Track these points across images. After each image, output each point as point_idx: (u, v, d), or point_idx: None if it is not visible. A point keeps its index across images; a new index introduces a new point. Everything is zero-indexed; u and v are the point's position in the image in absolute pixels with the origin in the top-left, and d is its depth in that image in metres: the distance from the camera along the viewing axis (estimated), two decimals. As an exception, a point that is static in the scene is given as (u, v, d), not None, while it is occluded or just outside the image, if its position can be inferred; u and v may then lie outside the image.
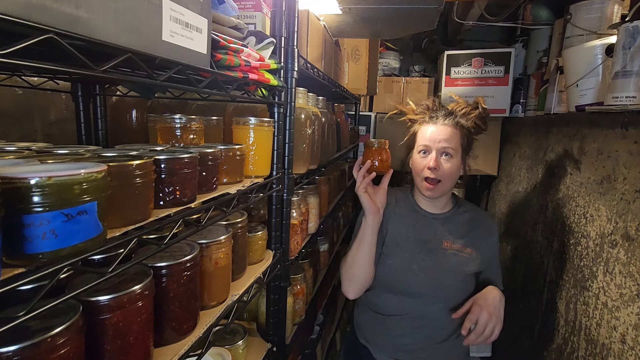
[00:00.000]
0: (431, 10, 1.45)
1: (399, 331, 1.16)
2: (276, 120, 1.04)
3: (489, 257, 1.17)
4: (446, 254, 1.13)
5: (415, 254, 1.14)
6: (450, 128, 1.10)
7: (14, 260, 0.39)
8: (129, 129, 1.12)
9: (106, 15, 0.44)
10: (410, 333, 1.15)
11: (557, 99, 1.77)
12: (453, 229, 1.16)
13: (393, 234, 1.17)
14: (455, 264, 1.12)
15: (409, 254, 1.14)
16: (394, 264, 1.14)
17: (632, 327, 1.12)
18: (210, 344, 0.75)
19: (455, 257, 1.13)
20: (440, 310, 1.13)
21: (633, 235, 1.16)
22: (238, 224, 0.91)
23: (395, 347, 1.18)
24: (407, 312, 1.15)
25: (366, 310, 1.25)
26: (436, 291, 1.12)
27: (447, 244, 1.14)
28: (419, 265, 1.13)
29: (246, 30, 0.89)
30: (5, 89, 0.94)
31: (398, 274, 1.13)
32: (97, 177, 0.45)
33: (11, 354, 0.39)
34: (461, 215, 1.19)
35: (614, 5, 1.58)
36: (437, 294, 1.12)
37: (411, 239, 1.16)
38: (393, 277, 1.14)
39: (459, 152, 1.10)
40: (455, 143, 1.09)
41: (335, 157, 1.76)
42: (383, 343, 1.20)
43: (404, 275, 1.13)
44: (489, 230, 1.19)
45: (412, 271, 1.13)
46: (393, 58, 3.14)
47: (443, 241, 1.15)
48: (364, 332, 1.26)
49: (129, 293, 0.54)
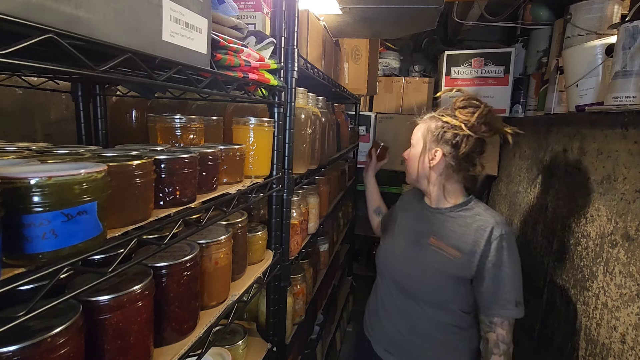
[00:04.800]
0: (431, 10, 1.45)
1: (387, 320, 1.22)
2: (276, 120, 1.04)
3: (478, 266, 1.05)
4: (428, 249, 1.12)
5: (402, 241, 1.22)
6: (420, 124, 1.20)
7: (14, 260, 0.39)
8: (129, 129, 1.11)
9: (106, 15, 0.44)
10: (396, 323, 1.19)
11: (557, 99, 1.77)
12: (446, 226, 1.12)
13: (396, 222, 1.30)
14: (433, 261, 1.10)
15: (396, 240, 1.25)
16: (383, 246, 1.29)
17: (632, 327, 1.12)
18: (210, 344, 0.75)
19: (436, 254, 1.10)
20: (415, 305, 1.14)
21: (633, 235, 1.16)
22: (238, 224, 0.91)
23: (388, 339, 1.21)
24: (392, 294, 1.21)
25: (372, 295, 1.35)
26: (409, 282, 1.15)
27: (434, 241, 1.12)
28: (401, 252, 1.20)
29: (246, 30, 0.89)
30: (5, 89, 0.94)
31: (381, 256, 1.27)
32: (97, 177, 0.45)
33: (11, 354, 0.39)
34: (460, 214, 1.12)
35: (614, 5, 1.58)
36: (410, 286, 1.15)
37: (407, 228, 1.24)
38: (379, 259, 1.28)
39: (420, 142, 1.17)
40: (416, 136, 1.19)
41: (335, 157, 1.76)
42: (379, 335, 1.24)
43: (385, 258, 1.25)
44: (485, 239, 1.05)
45: (393, 256, 1.22)
46: (393, 58, 3.14)
47: (431, 236, 1.13)
48: (367, 322, 1.32)
49: (129, 293, 0.54)
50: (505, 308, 1.02)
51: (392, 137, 2.94)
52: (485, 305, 1.06)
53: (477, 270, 1.06)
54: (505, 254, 1.04)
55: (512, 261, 1.04)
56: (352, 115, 2.82)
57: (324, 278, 1.84)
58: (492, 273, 1.04)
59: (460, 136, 1.08)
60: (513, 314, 1.02)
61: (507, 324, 1.03)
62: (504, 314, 1.02)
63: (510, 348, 1.03)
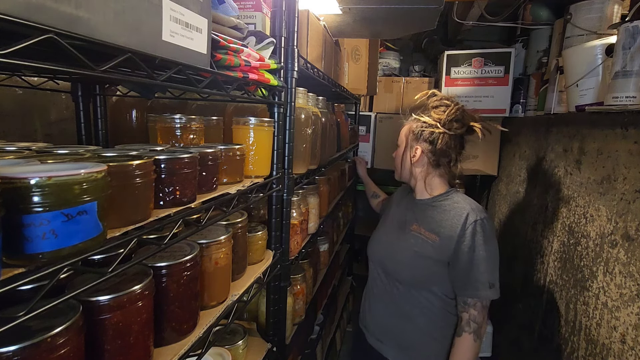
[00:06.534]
0: (431, 10, 1.45)
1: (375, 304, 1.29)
2: (276, 120, 1.04)
3: (454, 249, 1.11)
4: (408, 234, 1.22)
5: (389, 228, 1.33)
6: (405, 125, 1.30)
7: (14, 260, 0.39)
8: (129, 129, 1.11)
9: (106, 15, 0.44)
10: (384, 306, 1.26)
11: (557, 99, 1.77)
12: (427, 214, 1.22)
13: (388, 214, 1.41)
14: (412, 244, 1.19)
15: (384, 228, 1.36)
16: (373, 235, 1.40)
17: (632, 327, 1.12)
18: (210, 344, 0.75)
19: (415, 238, 1.20)
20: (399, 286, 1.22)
21: (633, 235, 1.16)
22: (238, 224, 0.91)
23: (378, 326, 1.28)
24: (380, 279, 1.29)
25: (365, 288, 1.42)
26: (391, 264, 1.24)
27: (415, 227, 1.22)
28: (387, 237, 1.32)
29: (246, 30, 0.89)
30: (5, 89, 0.94)
31: (371, 243, 1.38)
32: (97, 177, 0.45)
33: (11, 354, 0.39)
34: (440, 203, 1.21)
35: (614, 5, 1.58)
36: (392, 267, 1.24)
37: (395, 218, 1.34)
38: (370, 246, 1.38)
39: (404, 141, 1.28)
40: (400, 136, 1.31)
41: (335, 157, 1.76)
42: (370, 324, 1.31)
43: (374, 244, 1.36)
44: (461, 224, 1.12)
45: (379, 241, 1.34)
46: (393, 58, 3.14)
47: (413, 224, 1.24)
48: (361, 314, 1.40)
49: (129, 293, 0.54)
50: (478, 289, 1.09)
51: (392, 137, 2.94)
52: (460, 286, 1.12)
53: (454, 254, 1.12)
54: (479, 238, 1.10)
55: (486, 245, 1.10)
56: (352, 115, 2.82)
57: (324, 278, 1.84)
58: (467, 256, 1.10)
59: (435, 134, 1.17)
60: (486, 295, 1.09)
61: (480, 305, 1.10)
62: (477, 294, 1.09)
63: (481, 327, 1.11)
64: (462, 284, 1.11)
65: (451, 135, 1.16)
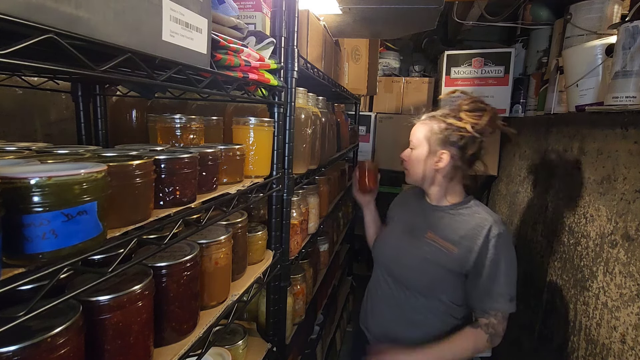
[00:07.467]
0: (431, 10, 1.45)
1: (378, 306, 1.26)
2: (276, 120, 1.04)
3: (475, 262, 1.08)
4: (423, 241, 1.16)
5: (397, 231, 1.27)
6: (420, 125, 1.19)
7: (14, 260, 0.39)
8: (129, 129, 1.11)
9: (106, 15, 0.44)
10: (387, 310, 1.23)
11: (557, 99, 1.77)
12: (444, 222, 1.16)
13: (393, 218, 1.36)
14: (425, 252, 1.14)
15: (391, 229, 1.32)
16: (379, 237, 1.36)
17: (632, 327, 1.12)
18: (210, 344, 0.75)
19: (429, 246, 1.14)
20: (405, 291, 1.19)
21: (633, 235, 1.16)
22: (238, 224, 0.91)
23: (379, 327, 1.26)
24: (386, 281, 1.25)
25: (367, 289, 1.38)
26: (397, 267, 1.21)
27: (431, 235, 1.16)
28: (394, 239, 1.26)
29: (246, 30, 0.89)
30: (5, 89, 0.94)
31: (377, 245, 1.34)
32: (97, 177, 0.45)
33: (11, 354, 0.39)
34: (459, 212, 1.15)
35: (614, 5, 1.58)
36: (398, 271, 1.20)
37: (402, 220, 1.29)
38: (375, 247, 1.34)
39: (424, 144, 1.16)
40: (417, 137, 1.18)
41: (335, 157, 1.76)
42: (372, 325, 1.28)
43: (379, 245, 1.32)
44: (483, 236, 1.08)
45: (386, 243, 1.29)
46: (393, 58, 3.14)
47: (428, 231, 1.17)
48: (362, 314, 1.37)
49: (129, 293, 0.54)
50: (499, 302, 1.06)
51: (392, 137, 2.94)
52: (480, 298, 1.09)
53: (474, 266, 1.08)
54: (503, 252, 1.07)
55: (508, 259, 1.08)
56: (352, 115, 2.82)
57: (324, 278, 1.84)
58: (490, 269, 1.07)
59: (466, 138, 1.09)
60: (507, 308, 1.07)
61: (501, 315, 1.07)
62: (497, 307, 1.06)
63: (497, 336, 1.08)
64: (482, 296, 1.08)
65: (482, 140, 1.10)
